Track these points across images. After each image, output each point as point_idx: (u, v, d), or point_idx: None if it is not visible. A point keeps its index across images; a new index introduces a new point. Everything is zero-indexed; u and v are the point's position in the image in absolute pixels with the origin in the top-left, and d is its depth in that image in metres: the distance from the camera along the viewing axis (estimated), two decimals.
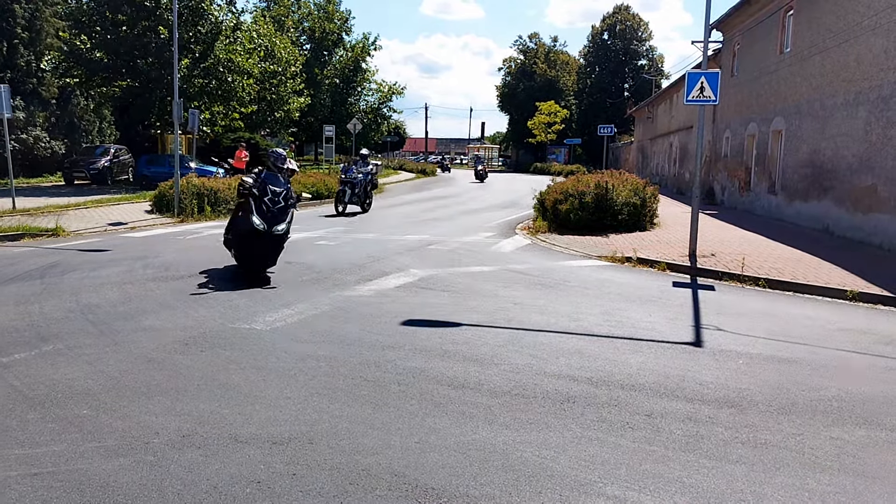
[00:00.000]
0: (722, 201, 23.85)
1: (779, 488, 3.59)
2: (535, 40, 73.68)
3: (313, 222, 16.33)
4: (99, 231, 14.01)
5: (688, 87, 10.74)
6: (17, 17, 30.25)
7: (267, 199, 8.54)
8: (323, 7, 51.31)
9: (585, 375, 5.33)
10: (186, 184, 16.97)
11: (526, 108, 65.90)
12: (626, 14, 67.52)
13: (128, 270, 9.41)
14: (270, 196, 8.56)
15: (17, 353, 5.58)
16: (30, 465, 3.65)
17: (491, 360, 5.66)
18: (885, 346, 6.53)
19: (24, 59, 30.66)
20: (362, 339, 6.18)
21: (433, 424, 4.29)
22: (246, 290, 8.19)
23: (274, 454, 3.82)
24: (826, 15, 15.64)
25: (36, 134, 30.41)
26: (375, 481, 3.53)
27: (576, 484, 3.57)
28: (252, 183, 8.68)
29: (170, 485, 3.46)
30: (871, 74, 13.28)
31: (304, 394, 4.78)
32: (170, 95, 24.15)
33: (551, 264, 10.78)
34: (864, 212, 13.35)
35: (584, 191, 14.90)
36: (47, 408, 4.44)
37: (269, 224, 8.45)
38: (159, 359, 5.50)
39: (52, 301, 7.46)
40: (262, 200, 8.54)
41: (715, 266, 10.36)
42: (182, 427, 4.16)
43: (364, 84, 52.55)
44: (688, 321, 7.31)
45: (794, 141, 17.17)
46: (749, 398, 4.92)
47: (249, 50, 30.48)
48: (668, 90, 36.29)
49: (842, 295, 8.82)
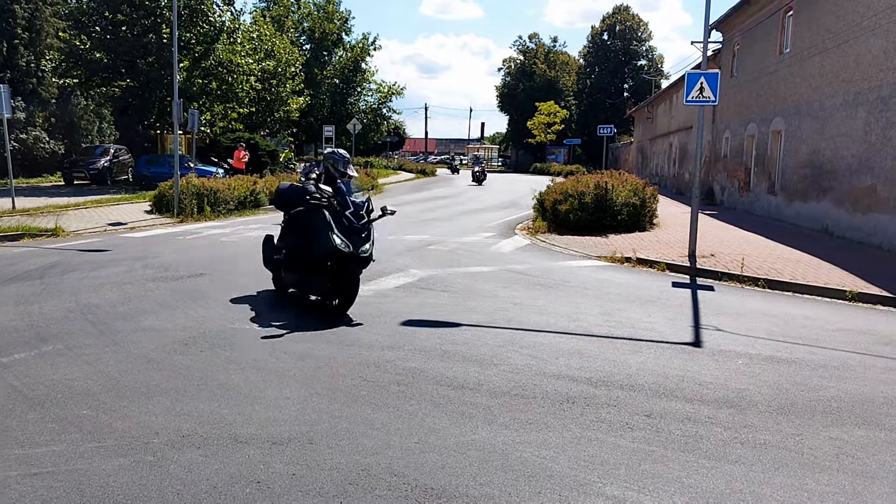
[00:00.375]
0: (721, 202, 23.86)
1: (778, 488, 3.60)
2: (535, 40, 73.69)
3: None
4: (98, 231, 14.01)
5: (687, 88, 10.75)
6: (18, 17, 30.27)
7: (349, 213, 6.87)
8: (323, 7, 51.30)
9: (585, 376, 5.34)
10: (186, 184, 16.98)
11: (525, 108, 65.89)
12: (625, 14, 67.53)
13: (127, 271, 9.41)
14: (353, 209, 6.91)
15: (16, 354, 5.58)
16: (29, 465, 3.65)
17: (490, 360, 5.67)
18: (884, 346, 6.54)
19: (24, 59, 30.68)
20: (362, 340, 6.18)
21: (433, 424, 4.30)
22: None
23: (274, 454, 3.82)
24: (825, 15, 15.65)
25: (36, 134, 30.42)
26: (375, 481, 3.54)
27: (575, 484, 3.58)
28: (330, 192, 6.93)
29: (169, 485, 3.46)
30: (870, 75, 13.29)
31: (303, 394, 4.79)
32: (169, 96, 24.15)
33: (551, 265, 10.78)
34: (863, 212, 13.36)
35: (584, 191, 14.91)
36: (47, 408, 4.44)
37: (354, 245, 6.78)
38: (159, 359, 5.50)
39: (51, 301, 7.46)
40: (343, 215, 6.85)
41: (714, 266, 10.37)
42: (182, 427, 4.16)
43: (364, 84, 52.53)
44: (687, 321, 7.31)
45: (794, 141, 17.18)
46: (748, 398, 4.92)
47: (249, 50, 30.49)
48: (667, 90, 36.30)
49: (841, 295, 8.83)
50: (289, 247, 7.47)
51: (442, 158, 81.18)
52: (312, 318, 6.92)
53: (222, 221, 16.38)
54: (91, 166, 27.40)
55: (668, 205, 21.52)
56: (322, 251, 6.80)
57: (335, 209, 6.83)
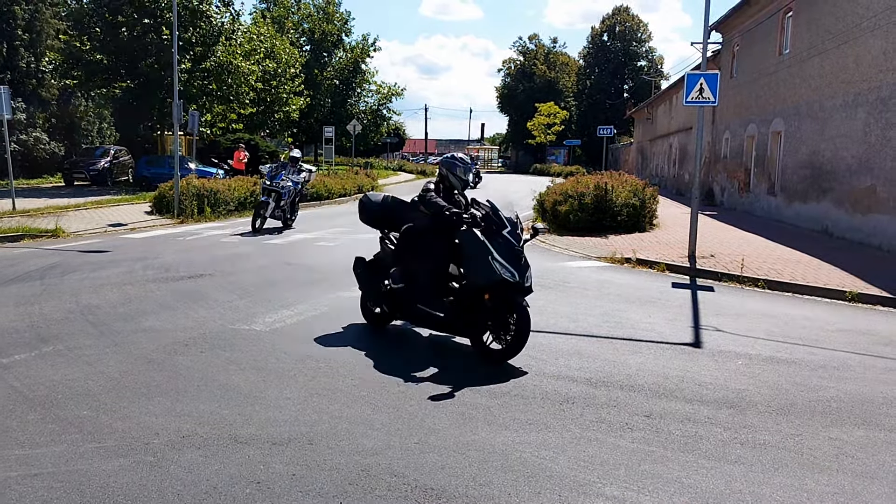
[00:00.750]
0: (721, 202, 23.86)
1: (777, 489, 3.60)
2: (535, 41, 73.71)
3: (310, 222, 16.34)
4: (99, 232, 14.01)
5: (687, 89, 10.75)
6: (18, 18, 30.28)
7: (507, 234, 5.61)
8: (323, 8, 51.34)
9: (584, 376, 5.34)
10: (186, 185, 16.99)
11: (525, 109, 65.90)
12: (625, 15, 67.58)
13: (128, 271, 9.41)
14: (510, 229, 5.64)
15: (17, 354, 5.58)
16: (30, 465, 3.66)
17: None
18: (883, 346, 6.54)
19: (25, 60, 30.69)
20: (362, 341, 6.19)
21: (432, 425, 4.30)
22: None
23: (274, 455, 3.83)
24: (825, 16, 15.66)
25: (36, 135, 30.43)
26: (375, 482, 3.54)
27: (575, 484, 3.58)
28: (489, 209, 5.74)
29: (170, 485, 3.46)
30: (869, 76, 13.30)
31: (303, 394, 4.79)
32: (169, 97, 24.16)
33: (551, 265, 10.78)
34: (863, 213, 13.36)
35: (584, 192, 14.91)
36: (47, 408, 4.45)
37: (519, 273, 5.58)
38: (159, 360, 5.50)
39: (52, 302, 7.46)
40: (500, 234, 5.59)
41: (714, 267, 10.37)
42: (182, 428, 4.17)
43: (364, 85, 52.55)
44: (687, 322, 7.32)
45: (794, 142, 17.18)
46: (748, 399, 4.93)
47: (249, 51, 30.50)
48: (667, 91, 36.32)
49: (841, 296, 8.83)
50: (412, 274, 6.03)
51: (434, 160, 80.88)
52: (312, 320, 6.93)
53: (222, 222, 16.38)
54: (91, 167, 27.41)
55: (667, 205, 21.52)
56: (481, 281, 5.54)
57: (491, 229, 5.59)
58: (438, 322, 5.90)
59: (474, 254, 5.56)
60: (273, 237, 13.57)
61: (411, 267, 6.05)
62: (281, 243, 12.67)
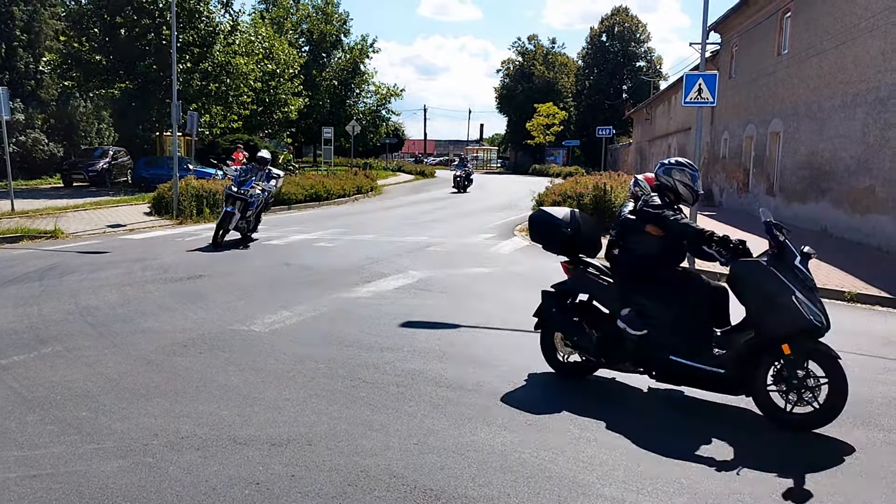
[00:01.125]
0: (720, 203, 23.88)
1: (777, 489, 3.60)
2: (534, 42, 73.73)
3: (309, 223, 16.34)
4: (98, 233, 14.00)
5: (686, 89, 10.75)
6: (16, 19, 30.27)
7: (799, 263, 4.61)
8: (322, 9, 51.37)
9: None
10: (185, 186, 16.97)
11: (524, 109, 65.89)
12: (624, 16, 67.60)
13: (126, 272, 9.41)
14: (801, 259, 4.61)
15: (15, 356, 5.58)
16: (29, 466, 3.65)
17: (489, 361, 5.67)
18: (882, 346, 6.55)
19: (23, 61, 30.67)
20: (360, 341, 6.19)
21: (431, 426, 4.30)
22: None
23: (273, 456, 3.83)
24: (823, 17, 15.67)
25: (34, 136, 30.40)
26: (374, 483, 3.54)
27: (574, 485, 3.58)
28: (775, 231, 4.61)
29: (168, 486, 3.46)
30: (868, 76, 13.31)
31: (302, 395, 4.79)
32: (168, 97, 24.14)
33: (550, 265, 10.76)
34: (861, 213, 13.37)
35: (583, 192, 14.94)
36: (46, 410, 4.44)
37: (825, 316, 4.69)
38: (158, 361, 5.50)
39: (50, 303, 7.46)
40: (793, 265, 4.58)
41: (714, 267, 10.36)
42: (181, 429, 4.16)
43: (362, 86, 52.58)
44: None
45: (792, 142, 17.20)
46: (747, 399, 4.92)
47: (248, 52, 30.49)
48: (666, 92, 36.35)
49: (840, 296, 8.84)
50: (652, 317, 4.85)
51: (442, 160, 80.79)
52: (311, 321, 6.93)
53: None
54: (90, 168, 27.39)
55: None
56: (784, 329, 4.44)
57: (782, 259, 4.53)
58: (712, 379, 4.63)
59: (771, 293, 4.44)
60: (273, 238, 13.56)
61: (651, 307, 4.88)
62: (280, 244, 12.67)
